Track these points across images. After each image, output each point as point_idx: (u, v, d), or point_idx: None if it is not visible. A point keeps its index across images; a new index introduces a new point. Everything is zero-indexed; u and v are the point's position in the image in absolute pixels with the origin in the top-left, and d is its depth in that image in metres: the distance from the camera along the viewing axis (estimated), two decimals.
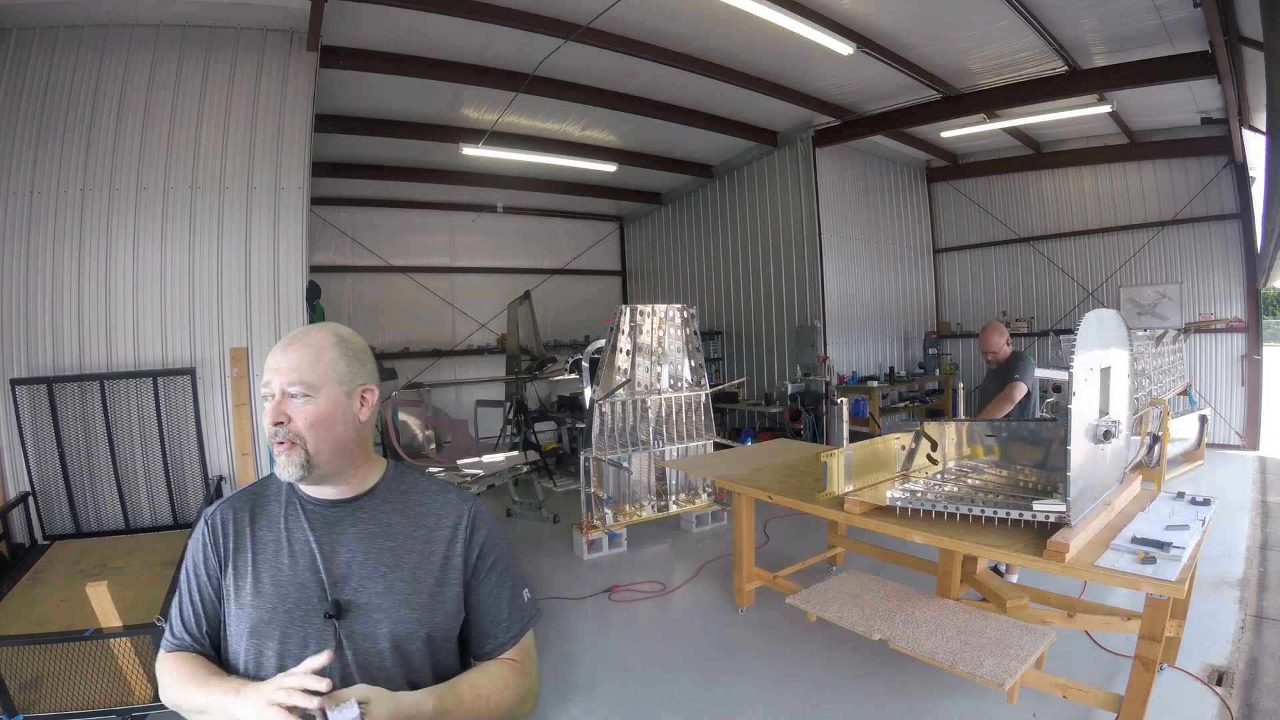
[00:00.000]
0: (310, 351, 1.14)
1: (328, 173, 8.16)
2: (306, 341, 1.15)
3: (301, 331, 1.18)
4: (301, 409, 1.12)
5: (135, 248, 4.57)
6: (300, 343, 1.15)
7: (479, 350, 10.91)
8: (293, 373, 1.12)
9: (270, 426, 1.12)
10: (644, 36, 5.91)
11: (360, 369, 1.19)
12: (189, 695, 1.09)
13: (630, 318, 5.58)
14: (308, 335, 1.17)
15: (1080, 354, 2.37)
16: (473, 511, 1.24)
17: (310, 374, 1.13)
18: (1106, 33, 5.76)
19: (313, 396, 1.13)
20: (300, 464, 1.11)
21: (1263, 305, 8.13)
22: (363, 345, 1.23)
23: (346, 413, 1.16)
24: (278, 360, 1.13)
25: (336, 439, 1.15)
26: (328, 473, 1.15)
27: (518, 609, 1.26)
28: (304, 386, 1.12)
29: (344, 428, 1.16)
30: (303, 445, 1.11)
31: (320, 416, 1.13)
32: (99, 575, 3.43)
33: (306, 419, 1.12)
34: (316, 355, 1.14)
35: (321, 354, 1.15)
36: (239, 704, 1.01)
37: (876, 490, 3.19)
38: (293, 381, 1.12)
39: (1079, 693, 2.56)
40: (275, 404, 1.12)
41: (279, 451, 1.12)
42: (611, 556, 5.23)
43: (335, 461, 1.16)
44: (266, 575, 1.13)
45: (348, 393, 1.17)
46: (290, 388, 1.12)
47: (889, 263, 9.89)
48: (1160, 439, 5.52)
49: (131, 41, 4.63)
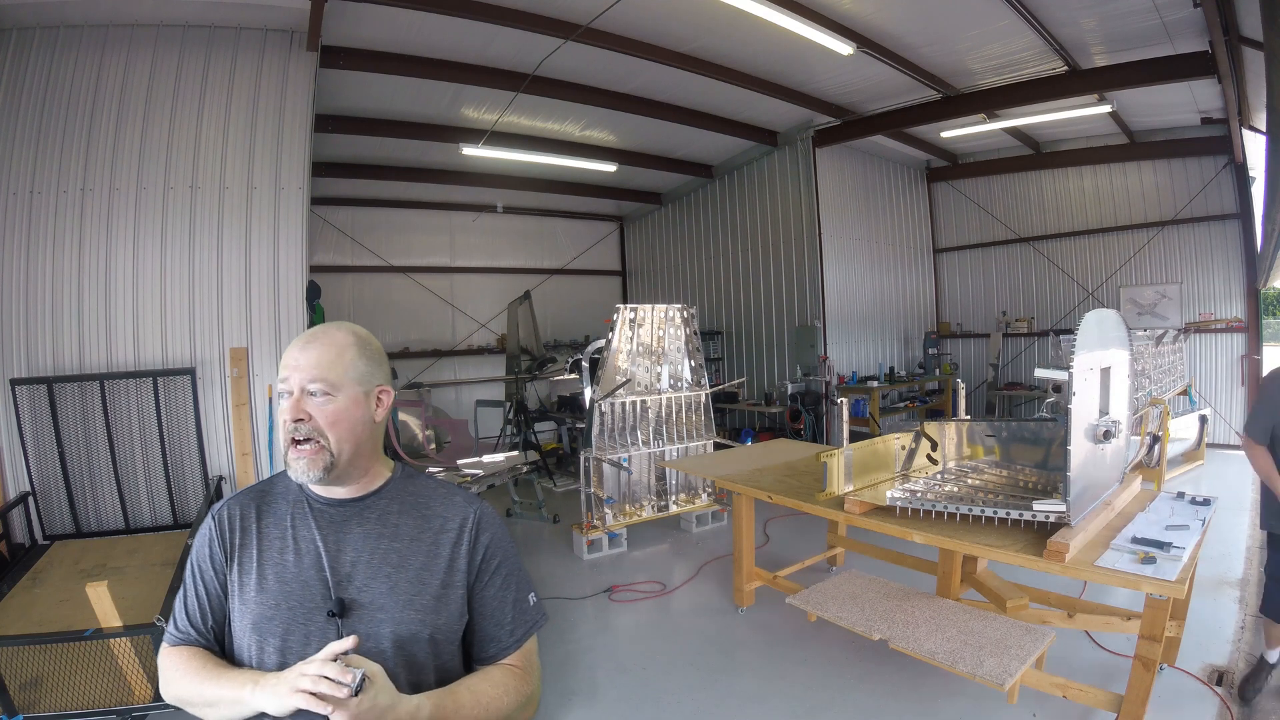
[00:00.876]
0: (331, 349, 1.14)
1: (328, 173, 8.16)
2: (326, 340, 1.15)
3: (321, 329, 1.17)
4: (322, 407, 1.12)
5: (135, 248, 4.57)
6: (320, 341, 1.15)
7: (479, 350, 10.91)
8: (313, 370, 1.12)
9: (290, 423, 1.11)
10: (644, 36, 5.92)
11: (377, 369, 1.20)
12: (198, 688, 1.08)
13: (630, 317, 5.58)
14: (327, 334, 1.16)
15: (1080, 354, 2.37)
16: (478, 514, 1.24)
17: (331, 372, 1.12)
18: (1106, 33, 5.76)
19: (333, 395, 1.12)
20: (324, 465, 1.11)
21: (1263, 305, 8.13)
22: (379, 346, 1.23)
23: (364, 412, 1.16)
24: (297, 357, 1.12)
25: (356, 438, 1.15)
26: (345, 473, 1.16)
27: (522, 613, 1.25)
28: (325, 384, 1.12)
29: (362, 428, 1.16)
30: (326, 445, 1.11)
31: (340, 415, 1.13)
32: (99, 575, 3.43)
33: (327, 417, 1.12)
34: (337, 354, 1.14)
35: (342, 352, 1.15)
36: (259, 694, 1.00)
37: (876, 490, 3.19)
38: (313, 379, 1.11)
39: (1079, 693, 2.56)
40: (295, 401, 1.11)
41: (298, 453, 1.11)
42: (611, 556, 5.23)
43: (354, 462, 1.16)
44: (271, 572, 1.13)
45: (365, 393, 1.17)
46: (310, 385, 1.11)
47: (889, 263, 9.89)
48: (1160, 439, 5.52)
49: (131, 41, 4.63)
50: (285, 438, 1.13)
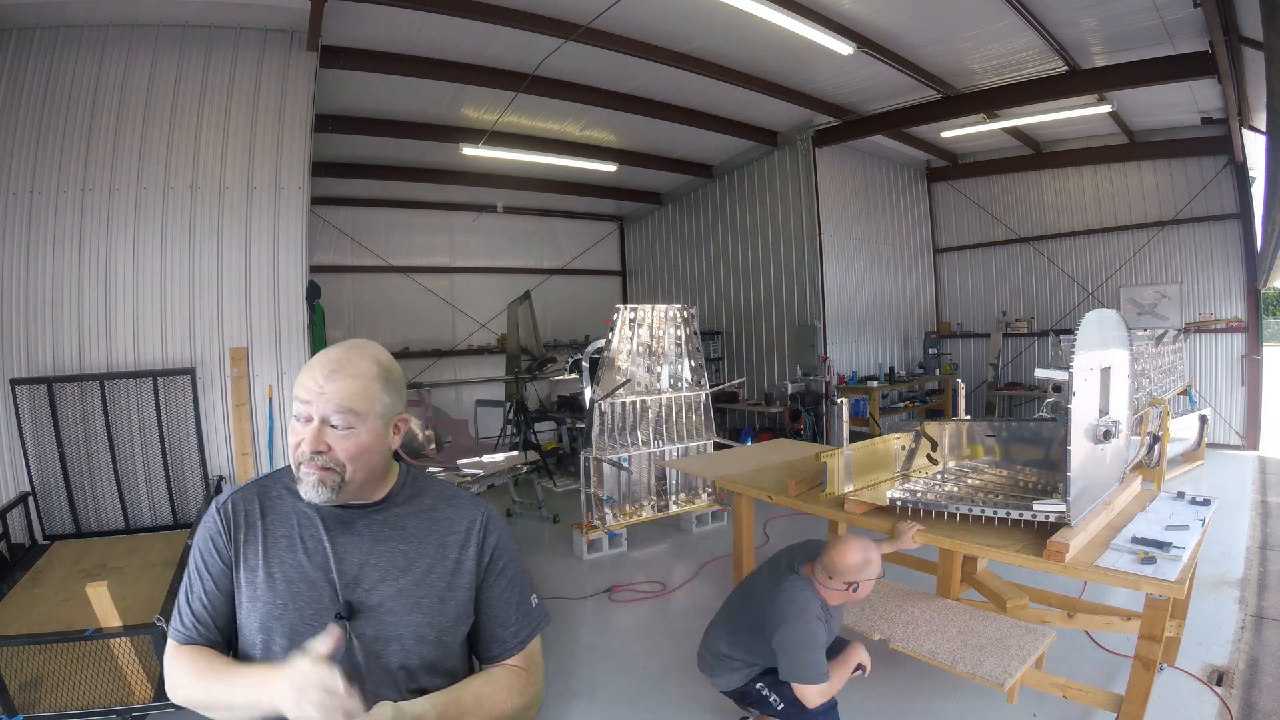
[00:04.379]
0: (357, 382, 1.11)
1: (328, 173, 8.16)
2: (353, 371, 1.12)
3: (346, 356, 1.13)
4: (343, 440, 1.10)
5: (135, 248, 4.57)
6: (347, 372, 1.11)
7: (479, 350, 10.90)
8: (338, 402, 1.09)
9: (308, 454, 1.09)
10: (644, 36, 5.91)
11: (399, 399, 1.18)
12: (211, 690, 1.06)
13: (630, 317, 5.58)
14: (353, 364, 1.13)
15: (1080, 354, 2.36)
16: (485, 516, 1.25)
17: (358, 405, 1.10)
18: (1106, 33, 5.76)
19: (356, 429, 1.10)
20: (334, 488, 1.10)
21: (1263, 305, 8.14)
22: (399, 374, 1.20)
23: (383, 443, 1.15)
24: (322, 385, 1.09)
25: (371, 468, 1.14)
26: (354, 495, 1.15)
27: (526, 614, 1.26)
28: (351, 416, 1.09)
29: (379, 457, 1.15)
30: (340, 473, 1.10)
31: (362, 449, 1.11)
32: (99, 575, 3.42)
33: (348, 451, 1.10)
34: (363, 387, 1.11)
35: (368, 385, 1.12)
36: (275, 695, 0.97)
37: (876, 490, 3.19)
38: (338, 410, 1.09)
39: (1079, 693, 2.56)
40: (316, 432, 1.09)
41: (310, 470, 1.10)
42: (611, 556, 5.23)
43: (365, 486, 1.16)
44: (278, 570, 1.12)
45: (386, 424, 1.15)
46: (334, 417, 1.09)
47: (889, 263, 9.89)
48: (1160, 439, 5.52)
49: (131, 41, 4.63)
50: (296, 459, 1.11)
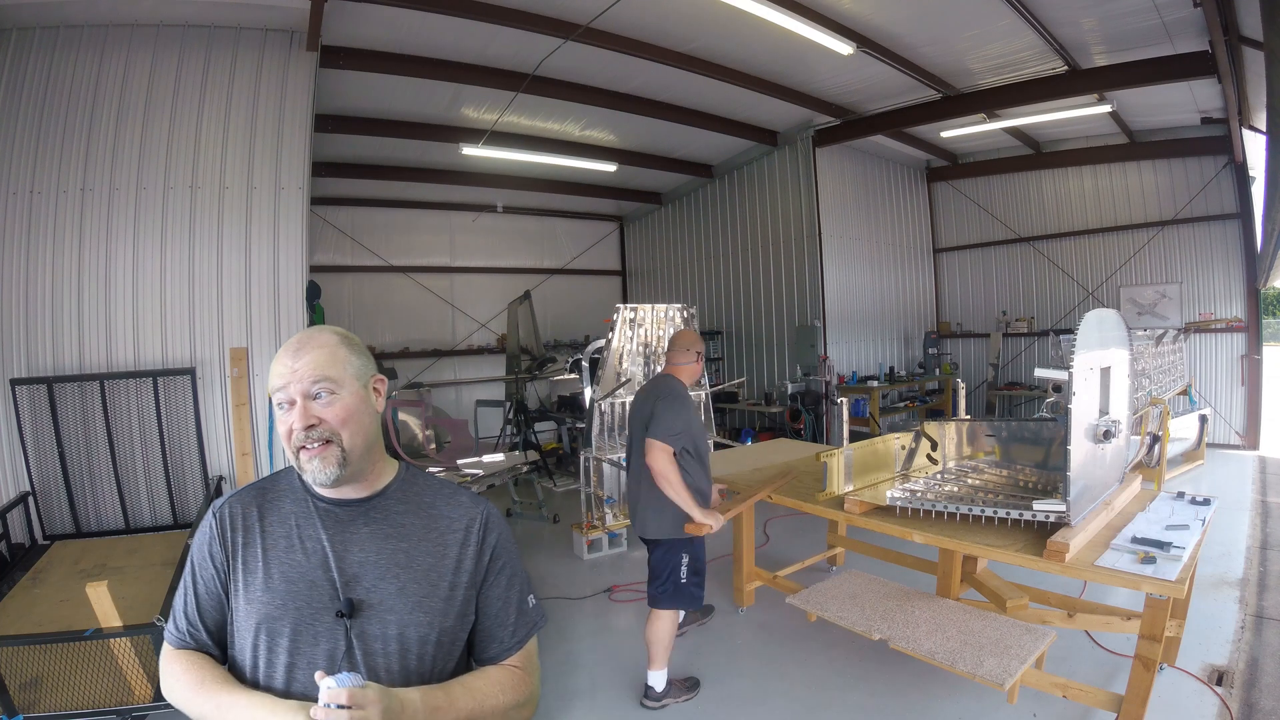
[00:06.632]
0: (323, 351, 1.13)
1: (328, 173, 8.16)
2: (315, 342, 1.15)
3: (305, 336, 1.17)
4: (329, 407, 1.11)
5: (135, 248, 4.56)
6: (310, 344, 1.14)
7: (479, 350, 10.90)
8: (313, 372, 1.11)
9: (300, 432, 1.10)
10: (644, 36, 5.91)
11: (368, 362, 1.20)
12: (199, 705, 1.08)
13: (630, 317, 5.58)
14: (313, 337, 1.16)
15: (1080, 354, 2.37)
16: (485, 515, 1.25)
17: (331, 371, 1.12)
18: (1106, 32, 5.76)
19: (338, 393, 1.12)
20: (338, 461, 1.10)
21: (1263, 305, 8.13)
22: (360, 341, 1.24)
23: (368, 405, 1.17)
24: (291, 364, 1.11)
25: (365, 433, 1.15)
26: (357, 470, 1.15)
27: (524, 614, 1.26)
28: (328, 383, 1.11)
29: (369, 420, 1.17)
30: (338, 443, 1.11)
31: (350, 411, 1.13)
32: (99, 575, 3.42)
33: (338, 415, 1.11)
34: (330, 354, 1.14)
35: (334, 352, 1.14)
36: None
37: (876, 490, 3.20)
38: (316, 380, 1.11)
39: (1079, 692, 2.56)
40: (301, 409, 1.10)
41: (310, 454, 1.10)
42: (611, 556, 5.23)
43: (364, 458, 1.16)
44: (277, 570, 1.12)
45: (365, 385, 1.17)
46: (313, 387, 1.11)
47: (889, 263, 9.89)
48: (1160, 439, 5.52)
49: (131, 41, 4.63)
50: (293, 447, 1.11)
